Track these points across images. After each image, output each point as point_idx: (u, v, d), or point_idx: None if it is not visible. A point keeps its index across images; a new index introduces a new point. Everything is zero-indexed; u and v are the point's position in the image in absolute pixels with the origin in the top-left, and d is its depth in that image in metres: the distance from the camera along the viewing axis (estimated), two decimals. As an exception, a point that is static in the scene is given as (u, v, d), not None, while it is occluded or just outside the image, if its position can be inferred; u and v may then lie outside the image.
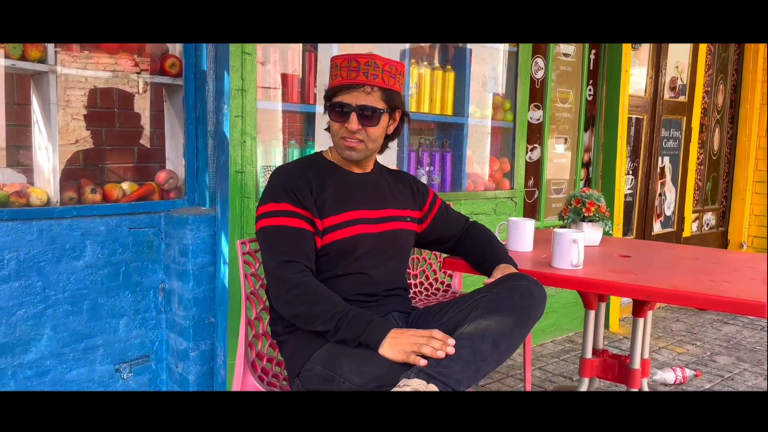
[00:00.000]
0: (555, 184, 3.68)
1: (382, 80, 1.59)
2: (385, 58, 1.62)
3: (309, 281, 1.51)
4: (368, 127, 1.61)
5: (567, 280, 1.68)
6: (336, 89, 1.61)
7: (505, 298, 1.44)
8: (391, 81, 1.62)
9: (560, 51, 3.57)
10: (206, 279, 2.28)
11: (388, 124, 1.68)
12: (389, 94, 1.62)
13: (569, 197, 2.23)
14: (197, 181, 2.41)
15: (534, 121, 3.47)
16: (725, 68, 4.98)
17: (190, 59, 2.35)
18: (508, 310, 1.42)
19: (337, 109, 1.61)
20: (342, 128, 1.61)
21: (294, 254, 1.53)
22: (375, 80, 1.58)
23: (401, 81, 1.67)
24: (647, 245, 2.33)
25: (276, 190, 1.61)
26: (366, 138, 1.62)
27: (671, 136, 4.53)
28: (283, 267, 1.52)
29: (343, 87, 1.59)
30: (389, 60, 1.62)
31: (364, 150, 1.64)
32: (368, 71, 1.58)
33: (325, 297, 1.49)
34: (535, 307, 1.46)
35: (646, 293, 1.61)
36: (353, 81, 1.58)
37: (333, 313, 1.46)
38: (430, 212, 1.85)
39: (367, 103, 1.59)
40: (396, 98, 1.65)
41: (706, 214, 5.02)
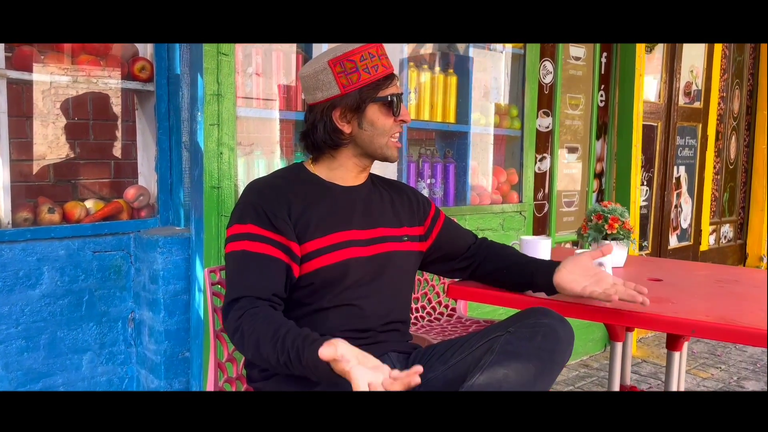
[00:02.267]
0: (566, 196, 3.43)
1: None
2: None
3: (246, 317, 1.23)
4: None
5: (595, 311, 1.42)
6: (382, 81, 1.42)
7: (525, 340, 1.19)
8: None
9: (570, 54, 3.33)
10: (180, 309, 2.02)
11: None
12: None
13: (589, 212, 1.98)
14: (171, 198, 2.16)
15: (543, 129, 3.22)
16: (741, 73, 4.73)
17: (162, 62, 2.10)
18: (530, 355, 1.16)
19: (389, 102, 1.42)
20: (395, 124, 1.45)
21: (246, 287, 1.28)
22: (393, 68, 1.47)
23: None
24: (677, 266, 2.07)
25: (242, 208, 1.37)
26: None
27: (686, 144, 4.28)
28: (229, 309, 1.28)
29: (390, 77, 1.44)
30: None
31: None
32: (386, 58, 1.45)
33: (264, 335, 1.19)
34: (561, 350, 1.20)
35: (690, 327, 1.35)
36: (389, 71, 1.43)
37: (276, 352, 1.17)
38: (433, 227, 1.59)
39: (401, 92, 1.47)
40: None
41: (724, 226, 4.76)
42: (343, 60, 1.38)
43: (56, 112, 2.07)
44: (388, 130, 1.43)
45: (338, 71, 1.39)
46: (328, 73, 1.39)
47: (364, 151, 1.45)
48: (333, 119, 1.41)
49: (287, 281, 1.35)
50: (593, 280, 1.39)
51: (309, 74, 1.42)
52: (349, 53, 1.39)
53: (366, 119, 1.41)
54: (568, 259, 1.45)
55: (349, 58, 1.39)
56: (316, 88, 1.41)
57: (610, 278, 1.39)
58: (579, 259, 1.44)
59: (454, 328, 2.44)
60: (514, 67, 3.06)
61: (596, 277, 1.40)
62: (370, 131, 1.42)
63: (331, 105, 1.41)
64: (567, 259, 1.45)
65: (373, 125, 1.42)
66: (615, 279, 1.39)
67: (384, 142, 1.44)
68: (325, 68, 1.39)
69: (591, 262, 1.44)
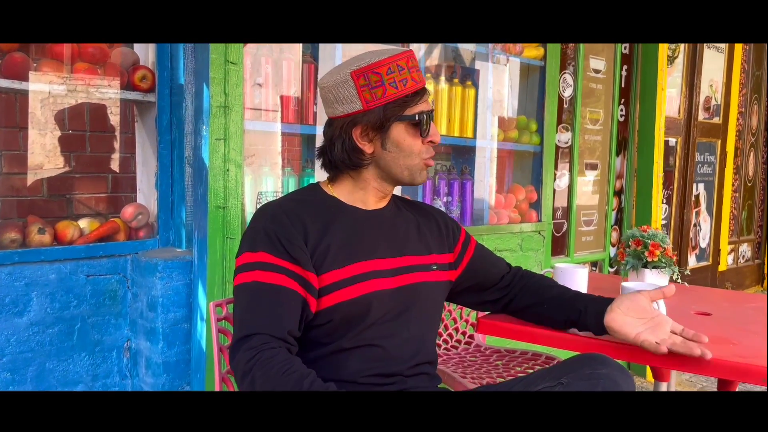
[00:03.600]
0: (585, 215, 3.27)
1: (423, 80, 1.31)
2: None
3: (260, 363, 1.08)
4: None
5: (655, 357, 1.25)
6: (411, 97, 1.26)
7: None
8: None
9: (590, 66, 3.19)
10: (180, 339, 1.86)
11: None
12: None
13: (626, 237, 1.82)
14: (172, 217, 2.00)
15: (562, 145, 3.07)
16: (759, 88, 4.60)
17: (165, 71, 1.95)
18: (589, 413, 0.99)
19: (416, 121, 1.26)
20: (424, 146, 1.29)
21: (257, 324, 1.13)
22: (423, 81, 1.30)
23: None
24: (721, 296, 1.91)
25: (253, 234, 1.21)
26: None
27: (705, 160, 4.14)
28: (239, 347, 1.12)
29: (420, 92, 1.27)
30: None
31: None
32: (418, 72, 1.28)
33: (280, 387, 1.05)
34: (623, 407, 1.04)
35: (761, 376, 1.19)
36: (419, 85, 1.27)
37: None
38: (463, 255, 1.43)
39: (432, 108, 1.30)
40: None
41: (742, 246, 4.60)
42: (367, 72, 1.23)
43: (50, 123, 1.91)
44: (415, 153, 1.27)
45: (361, 84, 1.24)
46: (350, 86, 1.24)
47: (386, 174, 1.29)
48: (353, 137, 1.26)
49: (303, 317, 1.19)
50: (650, 325, 1.23)
51: (329, 85, 1.26)
52: (374, 64, 1.23)
53: (390, 139, 1.26)
54: (623, 297, 1.29)
55: (374, 70, 1.23)
56: (336, 101, 1.26)
57: (668, 325, 1.23)
58: (636, 299, 1.27)
59: (473, 357, 2.28)
60: (533, 79, 2.91)
61: (653, 322, 1.23)
62: (395, 153, 1.26)
63: (352, 121, 1.25)
64: (621, 297, 1.29)
65: (398, 146, 1.26)
66: (674, 325, 1.23)
67: (411, 164, 1.28)
68: (347, 80, 1.24)
69: (649, 303, 1.27)
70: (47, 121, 1.90)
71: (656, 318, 1.24)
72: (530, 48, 2.82)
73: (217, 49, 1.75)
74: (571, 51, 3.08)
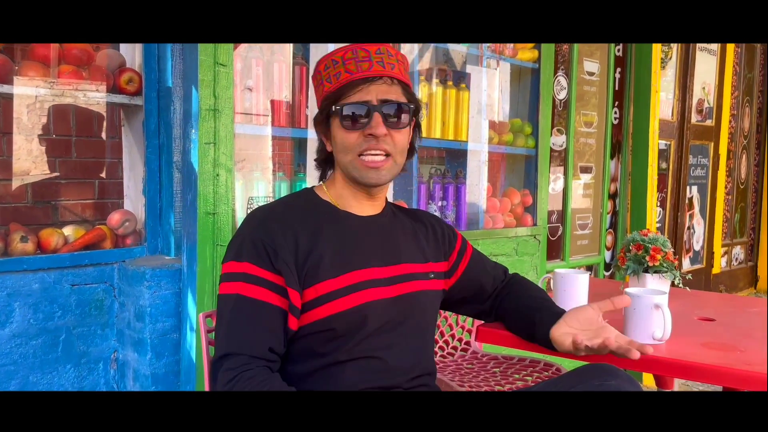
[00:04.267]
0: (580, 218, 3.24)
1: (400, 71, 1.20)
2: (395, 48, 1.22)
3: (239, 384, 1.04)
4: (395, 132, 1.18)
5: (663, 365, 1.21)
6: (343, 89, 1.17)
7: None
8: (406, 75, 1.22)
9: (584, 69, 3.16)
10: (169, 349, 1.80)
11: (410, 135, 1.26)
12: (409, 90, 1.22)
13: (626, 241, 1.78)
14: (160, 224, 1.94)
15: (556, 148, 3.04)
16: (751, 90, 4.60)
17: (152, 73, 1.90)
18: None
19: (350, 113, 1.16)
20: (361, 138, 1.17)
21: (237, 342, 1.09)
22: (393, 70, 1.18)
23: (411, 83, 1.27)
24: (723, 301, 1.88)
25: (240, 242, 1.15)
26: (394, 148, 1.18)
27: (699, 163, 4.12)
28: (220, 365, 1.08)
29: (355, 83, 1.16)
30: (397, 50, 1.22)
31: (392, 167, 1.20)
32: (383, 60, 1.17)
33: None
34: (633, 420, 0.99)
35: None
36: (368, 73, 1.16)
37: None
38: (459, 263, 1.38)
39: (392, 97, 1.17)
40: (416, 99, 1.24)
41: (735, 248, 4.59)
42: (316, 71, 1.22)
43: (36, 128, 1.85)
44: (348, 147, 1.18)
45: (315, 84, 1.24)
46: (315, 77, 1.24)
47: (343, 172, 1.23)
48: (318, 135, 1.26)
49: (286, 332, 1.14)
50: (591, 334, 1.16)
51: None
52: (318, 63, 1.21)
53: (332, 135, 1.21)
54: (570, 310, 1.24)
55: (318, 68, 1.22)
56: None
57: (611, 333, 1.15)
58: (582, 311, 1.22)
59: (469, 365, 2.23)
60: (528, 82, 2.88)
61: (596, 331, 1.17)
62: (337, 149, 1.21)
63: (315, 119, 1.26)
64: (570, 310, 1.24)
65: (336, 142, 1.20)
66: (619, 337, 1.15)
67: (351, 161, 1.19)
68: (314, 71, 1.24)
69: (597, 315, 1.21)
70: (33, 126, 1.84)
71: (600, 328, 1.18)
72: (524, 50, 2.79)
73: (206, 50, 1.70)
74: (565, 53, 3.05)
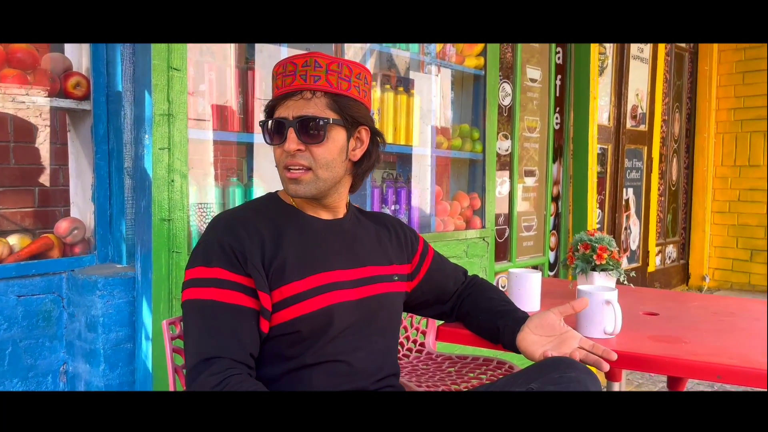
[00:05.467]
0: (525, 220, 3.34)
1: (327, 82, 1.18)
2: (333, 57, 1.20)
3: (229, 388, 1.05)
4: (313, 146, 1.17)
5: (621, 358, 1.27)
6: (272, 104, 1.22)
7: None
8: (342, 84, 1.19)
9: (527, 76, 3.27)
10: (123, 360, 1.76)
11: (348, 145, 1.23)
12: (341, 101, 1.19)
13: (575, 241, 1.86)
14: (111, 232, 1.90)
15: (502, 152, 3.13)
16: (680, 96, 4.85)
17: (101, 77, 1.86)
18: (562, 418, 1.00)
19: (269, 129, 1.20)
20: (284, 153, 1.19)
21: (219, 347, 1.08)
22: (316, 83, 1.17)
23: (363, 88, 1.24)
24: (666, 297, 1.98)
25: (209, 248, 1.15)
26: (313, 162, 1.18)
27: (633, 166, 4.32)
28: (201, 369, 1.07)
29: (279, 98, 1.20)
30: (338, 59, 1.20)
31: (314, 181, 1.19)
32: (306, 73, 1.17)
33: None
34: (593, 410, 1.04)
35: (716, 373, 1.23)
36: (289, 88, 1.18)
37: None
38: (421, 265, 1.42)
39: (307, 112, 1.17)
40: (354, 108, 1.21)
41: (668, 247, 4.83)
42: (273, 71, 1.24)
43: (-28, 134, 1.78)
44: (278, 161, 1.22)
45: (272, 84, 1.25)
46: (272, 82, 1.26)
47: None
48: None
49: (260, 335, 1.15)
50: (557, 342, 1.24)
51: None
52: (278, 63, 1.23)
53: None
54: (533, 316, 1.30)
55: (274, 71, 1.23)
56: None
57: (575, 341, 1.24)
58: (545, 317, 1.28)
59: (425, 365, 2.27)
60: (474, 88, 2.95)
61: (560, 339, 1.24)
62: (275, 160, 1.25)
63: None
64: (533, 316, 1.30)
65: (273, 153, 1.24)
66: (584, 341, 1.24)
67: (280, 174, 1.23)
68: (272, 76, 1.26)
69: (558, 320, 1.28)
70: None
71: (564, 334, 1.25)
72: (470, 58, 2.86)
73: (159, 54, 1.68)
74: (509, 61, 3.15)
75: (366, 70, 1.24)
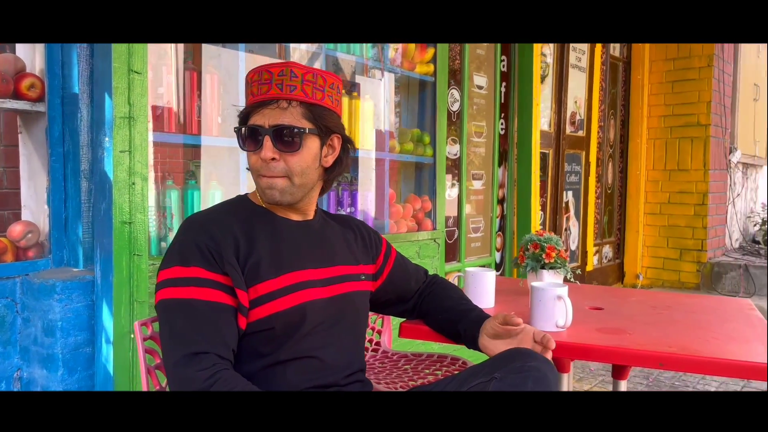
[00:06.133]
0: (473, 222, 3.45)
1: (303, 92, 1.23)
2: (308, 67, 1.26)
3: (221, 382, 1.08)
4: (288, 155, 1.22)
5: (573, 348, 1.37)
6: (247, 111, 1.26)
7: (517, 387, 1.11)
8: (317, 94, 1.25)
9: (474, 83, 3.38)
10: (82, 364, 1.74)
11: (321, 153, 1.28)
12: (315, 111, 1.25)
13: (525, 241, 1.96)
14: (66, 235, 1.87)
15: (451, 156, 3.23)
16: (615, 104, 5.10)
17: (56, 79, 1.83)
18: (524, 404, 1.07)
19: (245, 136, 1.24)
20: (259, 161, 1.24)
21: (205, 343, 1.11)
22: (292, 92, 1.22)
23: (336, 97, 1.30)
24: (608, 293, 2.11)
25: (185, 248, 1.18)
26: (288, 170, 1.23)
27: (573, 170, 4.51)
28: (189, 363, 1.09)
29: (255, 106, 1.23)
30: (312, 69, 1.26)
31: (289, 188, 1.25)
32: (282, 82, 1.21)
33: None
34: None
35: (658, 360, 1.34)
36: (265, 96, 1.22)
37: None
38: (385, 265, 1.48)
39: (283, 121, 1.21)
40: (327, 117, 1.27)
41: (605, 247, 5.06)
42: (246, 78, 1.28)
43: None
44: (253, 168, 1.27)
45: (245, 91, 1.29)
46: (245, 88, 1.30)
47: None
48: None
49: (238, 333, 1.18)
50: (516, 342, 1.33)
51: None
52: (251, 71, 1.27)
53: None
54: (491, 318, 1.38)
55: (248, 78, 1.27)
56: None
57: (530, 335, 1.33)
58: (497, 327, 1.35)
59: (382, 364, 2.33)
60: (422, 93, 3.04)
61: (518, 338, 1.34)
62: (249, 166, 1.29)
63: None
64: (491, 318, 1.38)
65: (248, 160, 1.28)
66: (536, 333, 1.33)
67: (256, 180, 1.27)
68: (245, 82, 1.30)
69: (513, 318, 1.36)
70: None
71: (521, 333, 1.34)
72: (421, 64, 2.95)
73: (120, 57, 1.68)
74: (457, 68, 3.25)
75: (338, 79, 1.30)
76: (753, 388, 3.52)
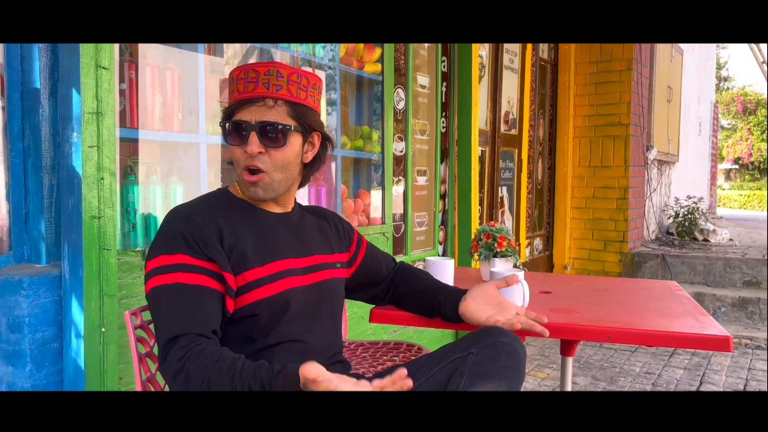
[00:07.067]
0: (418, 216, 3.59)
1: (288, 92, 1.31)
2: (292, 67, 1.34)
3: (192, 357, 1.12)
4: (273, 150, 1.30)
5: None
6: (233, 107, 1.32)
7: (491, 360, 1.22)
8: (301, 94, 1.33)
9: (418, 83, 3.51)
10: (49, 359, 1.74)
11: (303, 150, 1.37)
12: (299, 110, 1.33)
13: (478, 232, 2.10)
14: (27, 231, 1.85)
15: (398, 153, 3.35)
16: (544, 104, 5.37)
17: (15, 74, 1.81)
18: (499, 375, 1.20)
19: (231, 130, 1.31)
20: (244, 155, 1.30)
21: (185, 324, 1.17)
22: (278, 92, 1.30)
23: (317, 97, 1.38)
24: (553, 278, 2.28)
25: (170, 237, 1.24)
26: (269, 166, 1.31)
27: (507, 167, 4.73)
28: (169, 348, 1.16)
29: (240, 103, 1.30)
30: (297, 69, 1.34)
31: (269, 183, 1.32)
32: (269, 81, 1.29)
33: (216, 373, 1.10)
34: (522, 367, 1.26)
35: (607, 335, 1.50)
36: (251, 94, 1.29)
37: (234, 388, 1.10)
38: (358, 253, 1.58)
39: (270, 118, 1.29)
40: (310, 116, 1.35)
41: (536, 240, 5.33)
42: (231, 75, 1.34)
43: None
44: (237, 162, 1.33)
45: (229, 88, 1.35)
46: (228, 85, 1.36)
47: None
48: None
49: (224, 316, 1.24)
50: (497, 309, 1.46)
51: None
52: (237, 68, 1.33)
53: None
54: (473, 288, 1.50)
55: (233, 75, 1.34)
56: None
57: (513, 308, 1.48)
58: (484, 288, 1.50)
59: (339, 353, 2.42)
60: (367, 92, 3.14)
61: (500, 306, 1.47)
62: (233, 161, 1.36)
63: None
64: (473, 288, 1.50)
65: (232, 154, 1.35)
66: (518, 309, 1.48)
67: (240, 175, 1.34)
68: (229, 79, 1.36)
69: (496, 290, 1.51)
70: None
71: (502, 303, 1.48)
72: (370, 64, 3.04)
73: (87, 53, 1.68)
74: (402, 68, 3.37)
75: (319, 80, 1.38)
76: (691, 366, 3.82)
